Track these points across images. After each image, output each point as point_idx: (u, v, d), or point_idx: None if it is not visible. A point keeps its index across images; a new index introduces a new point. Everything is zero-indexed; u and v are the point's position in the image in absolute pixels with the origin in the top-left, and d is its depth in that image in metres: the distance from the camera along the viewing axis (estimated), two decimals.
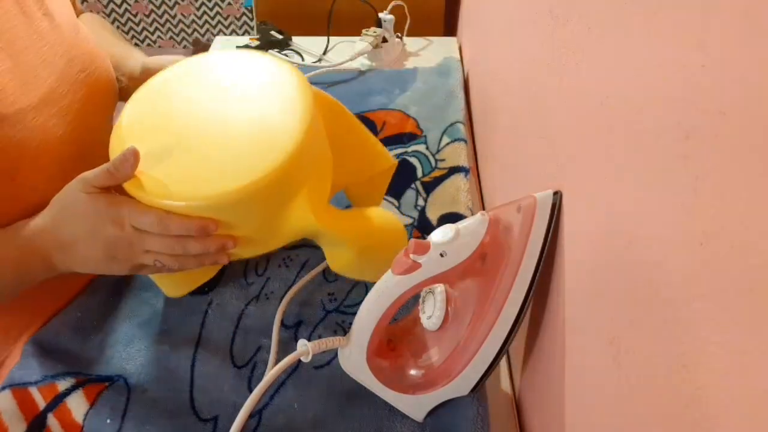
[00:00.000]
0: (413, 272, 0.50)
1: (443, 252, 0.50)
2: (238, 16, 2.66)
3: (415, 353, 0.58)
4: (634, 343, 0.36)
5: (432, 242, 0.50)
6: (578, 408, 0.45)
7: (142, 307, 0.70)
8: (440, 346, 0.57)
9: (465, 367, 0.54)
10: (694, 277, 0.29)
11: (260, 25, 1.22)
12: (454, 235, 0.50)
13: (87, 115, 0.64)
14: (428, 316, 0.57)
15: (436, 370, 0.56)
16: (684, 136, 0.29)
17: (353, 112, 0.98)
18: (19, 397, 0.60)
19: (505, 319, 0.52)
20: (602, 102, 0.41)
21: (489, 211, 0.52)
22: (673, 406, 0.31)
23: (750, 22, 0.24)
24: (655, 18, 0.33)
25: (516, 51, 0.70)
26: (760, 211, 0.24)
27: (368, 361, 0.55)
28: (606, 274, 0.40)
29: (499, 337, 0.53)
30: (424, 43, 1.23)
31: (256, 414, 0.60)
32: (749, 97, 0.24)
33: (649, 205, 0.34)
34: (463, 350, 0.55)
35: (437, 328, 0.57)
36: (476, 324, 0.53)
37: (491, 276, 0.51)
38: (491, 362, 0.54)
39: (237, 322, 0.69)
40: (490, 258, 0.51)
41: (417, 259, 0.50)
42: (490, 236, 0.50)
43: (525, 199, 0.50)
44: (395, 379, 0.57)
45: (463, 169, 0.87)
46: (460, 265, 0.50)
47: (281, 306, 0.68)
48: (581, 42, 0.45)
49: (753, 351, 0.24)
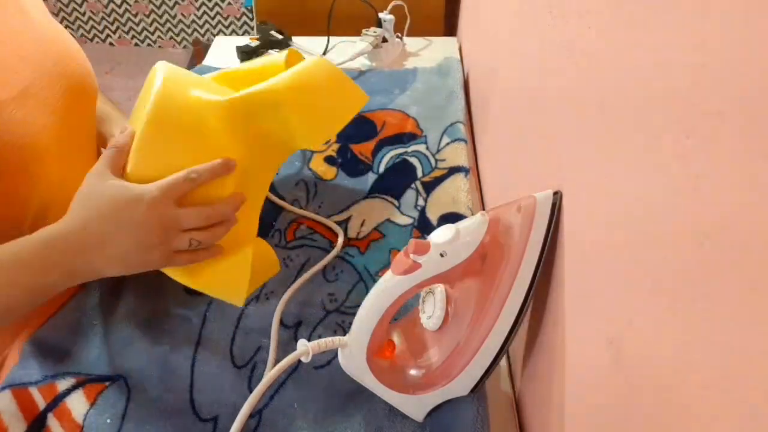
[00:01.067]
0: (413, 272, 0.50)
1: (443, 252, 0.50)
2: (238, 16, 2.66)
3: (415, 353, 0.58)
4: (634, 343, 0.36)
5: (432, 242, 0.50)
6: (578, 408, 0.45)
7: (142, 307, 0.70)
8: (440, 346, 0.57)
9: (465, 367, 0.54)
10: (694, 278, 0.29)
11: (260, 25, 1.22)
12: (454, 236, 0.50)
13: (66, 109, 0.63)
14: (428, 316, 0.57)
15: (436, 370, 0.56)
16: (684, 135, 0.29)
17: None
18: (19, 397, 0.60)
19: (505, 319, 0.52)
20: (602, 102, 0.41)
21: (489, 211, 0.52)
22: (673, 406, 0.31)
23: (750, 22, 0.24)
24: (655, 18, 0.33)
25: (516, 50, 0.70)
26: (761, 211, 0.24)
27: (368, 361, 0.55)
28: (605, 274, 0.40)
29: (498, 337, 0.53)
30: (424, 43, 1.23)
31: (257, 414, 0.60)
32: (749, 97, 0.24)
33: (649, 204, 0.34)
34: (462, 350, 0.55)
35: (437, 329, 0.57)
36: (476, 324, 0.53)
37: (491, 276, 0.51)
38: (491, 362, 0.54)
39: (237, 322, 0.69)
40: (490, 258, 0.51)
41: (417, 260, 0.50)
42: (490, 236, 0.50)
43: (525, 199, 0.50)
44: (395, 379, 0.57)
45: (463, 169, 0.87)
46: (460, 266, 0.50)
47: (279, 305, 0.68)
48: (581, 41, 0.45)
49: (753, 351, 0.24)
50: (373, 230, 0.79)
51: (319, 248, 0.77)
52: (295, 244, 0.78)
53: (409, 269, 0.50)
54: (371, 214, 0.82)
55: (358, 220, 0.81)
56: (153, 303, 0.70)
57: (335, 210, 0.82)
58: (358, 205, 0.83)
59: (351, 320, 0.69)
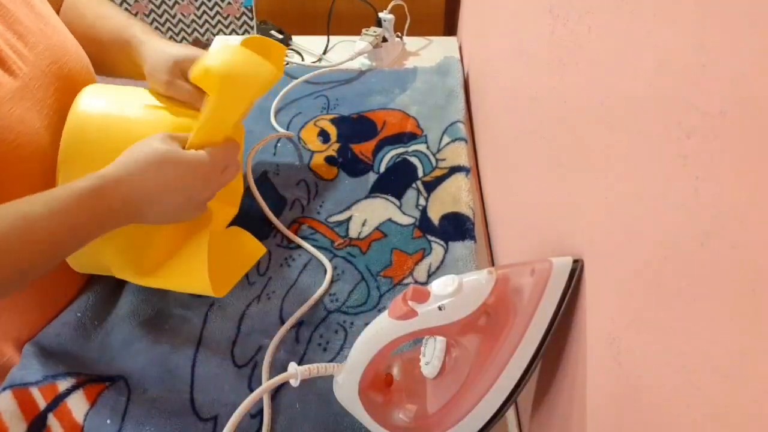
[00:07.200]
0: (409, 320, 0.48)
1: (442, 306, 0.47)
2: (238, 15, 2.66)
3: (410, 394, 0.56)
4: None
5: (432, 292, 0.48)
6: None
7: (142, 307, 0.70)
8: (436, 395, 0.54)
9: (459, 421, 0.51)
10: (694, 278, 0.29)
11: (260, 24, 1.22)
12: (455, 289, 0.47)
13: (62, 110, 0.63)
14: (426, 362, 0.55)
15: (429, 418, 0.54)
16: (684, 135, 0.29)
17: (353, 111, 0.99)
18: (20, 398, 0.61)
19: (505, 381, 0.48)
20: (602, 101, 0.41)
21: (498, 269, 0.48)
22: (672, 406, 0.31)
23: (750, 22, 0.24)
24: (655, 17, 0.33)
25: (516, 50, 0.69)
26: (761, 211, 0.24)
27: (360, 395, 0.53)
28: (606, 272, 0.40)
29: (495, 400, 0.49)
30: (424, 43, 1.23)
31: (258, 414, 0.60)
32: (749, 97, 0.24)
33: (649, 204, 0.34)
34: (458, 404, 0.52)
35: (433, 377, 0.55)
36: (473, 382, 0.50)
37: (494, 336, 0.48)
38: (486, 423, 0.51)
39: (239, 322, 0.69)
40: (494, 318, 0.48)
41: (415, 308, 0.47)
42: (495, 296, 0.47)
43: (540, 263, 0.46)
44: (387, 417, 0.55)
45: (463, 168, 0.87)
46: (459, 321, 0.47)
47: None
48: (581, 41, 0.45)
49: (754, 351, 0.24)
50: (374, 230, 0.79)
51: (321, 248, 0.77)
52: (296, 244, 0.78)
53: (405, 315, 0.48)
54: (372, 213, 0.82)
55: (359, 219, 0.81)
56: (153, 303, 0.70)
57: (336, 210, 0.82)
58: (359, 204, 0.83)
59: (352, 320, 0.69)
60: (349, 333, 0.68)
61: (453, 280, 0.48)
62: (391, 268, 0.75)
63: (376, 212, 0.82)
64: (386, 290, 0.72)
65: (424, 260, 0.75)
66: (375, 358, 0.51)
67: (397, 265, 0.75)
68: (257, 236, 0.76)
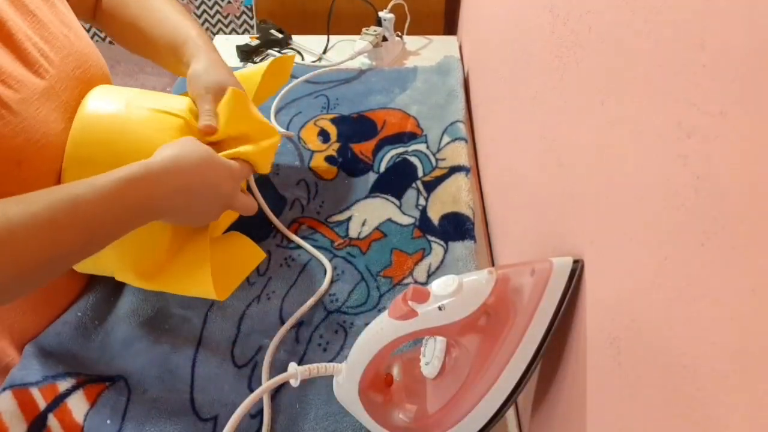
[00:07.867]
0: (409, 320, 0.48)
1: (442, 306, 0.47)
2: (237, 15, 2.66)
3: (410, 394, 0.56)
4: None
5: (432, 292, 0.48)
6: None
7: (142, 307, 0.70)
8: (436, 395, 0.54)
9: (459, 420, 0.51)
10: (694, 278, 0.29)
11: (260, 23, 1.22)
12: (455, 289, 0.47)
13: None
14: (426, 362, 0.55)
15: (429, 418, 0.54)
16: (684, 135, 0.29)
17: (353, 111, 0.99)
18: (20, 398, 0.61)
19: (505, 382, 0.48)
20: (602, 101, 0.41)
21: (498, 269, 0.48)
22: (672, 407, 0.31)
23: (750, 22, 0.24)
24: (655, 17, 0.33)
25: (516, 49, 0.69)
26: (761, 211, 0.24)
27: (360, 395, 0.53)
28: (606, 272, 0.40)
29: (495, 400, 0.49)
30: (424, 42, 1.23)
31: (258, 414, 0.60)
32: (749, 97, 0.24)
33: (649, 204, 0.34)
34: (458, 404, 0.52)
35: (433, 378, 0.55)
36: (474, 381, 0.50)
37: (494, 335, 0.48)
38: (489, 419, 0.51)
39: (239, 322, 0.69)
40: (494, 318, 0.48)
41: (415, 308, 0.48)
42: (495, 296, 0.47)
43: (540, 263, 0.46)
44: (387, 416, 0.55)
45: (463, 168, 0.87)
46: (459, 322, 0.47)
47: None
48: (582, 41, 0.45)
49: (753, 351, 0.24)
50: (374, 230, 0.79)
51: (321, 248, 0.77)
52: (296, 244, 0.78)
53: (404, 316, 0.48)
54: (372, 213, 0.82)
55: (359, 219, 0.81)
56: (153, 303, 0.70)
57: (336, 209, 0.82)
58: (359, 204, 0.83)
59: (352, 320, 0.69)
60: (349, 333, 0.68)
61: (453, 280, 0.48)
62: (391, 268, 0.75)
63: (375, 212, 0.82)
64: (386, 290, 0.72)
65: (424, 260, 0.75)
66: (375, 358, 0.51)
67: (397, 265, 0.75)
68: (257, 236, 0.76)
